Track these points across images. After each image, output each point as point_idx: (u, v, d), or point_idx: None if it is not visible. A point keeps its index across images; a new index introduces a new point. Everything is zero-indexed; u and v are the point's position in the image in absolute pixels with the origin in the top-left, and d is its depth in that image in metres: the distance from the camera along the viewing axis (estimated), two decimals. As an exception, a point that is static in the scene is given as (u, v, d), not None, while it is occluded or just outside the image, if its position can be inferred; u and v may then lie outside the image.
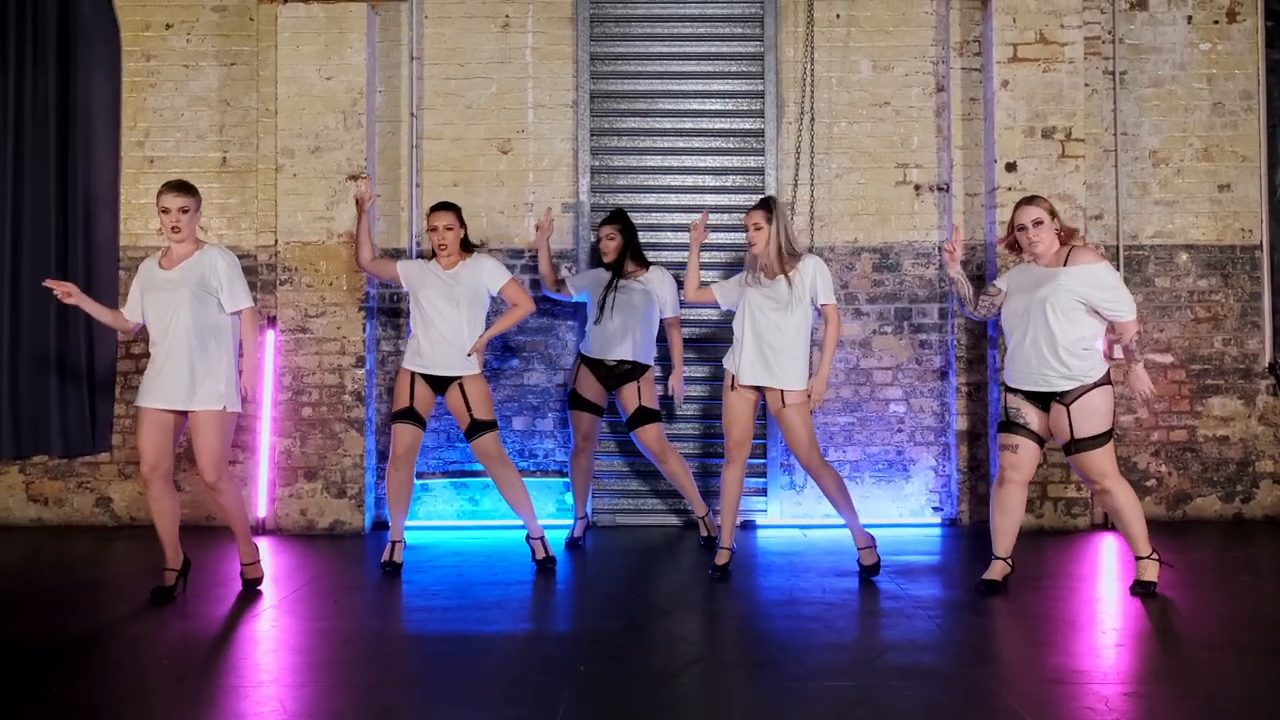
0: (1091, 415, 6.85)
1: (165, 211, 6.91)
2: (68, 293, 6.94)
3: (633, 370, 8.58)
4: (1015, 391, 7.04)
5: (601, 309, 8.59)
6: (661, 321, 8.73)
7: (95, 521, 9.55)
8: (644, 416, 8.58)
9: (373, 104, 9.45)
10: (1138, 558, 7.02)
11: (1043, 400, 6.97)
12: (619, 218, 8.81)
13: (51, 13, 9.43)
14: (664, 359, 9.01)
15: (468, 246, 7.89)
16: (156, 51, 9.69)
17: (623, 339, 8.55)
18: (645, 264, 8.77)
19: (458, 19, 9.71)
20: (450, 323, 7.72)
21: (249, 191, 9.60)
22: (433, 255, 7.89)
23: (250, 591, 7.14)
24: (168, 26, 9.69)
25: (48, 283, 7.01)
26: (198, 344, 6.87)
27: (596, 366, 8.65)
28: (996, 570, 7.08)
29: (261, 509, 9.23)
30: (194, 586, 7.27)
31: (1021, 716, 4.75)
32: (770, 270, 7.45)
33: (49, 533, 9.33)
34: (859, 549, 7.53)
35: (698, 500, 8.80)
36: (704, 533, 8.79)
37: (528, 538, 8.01)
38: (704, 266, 9.26)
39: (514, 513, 7.99)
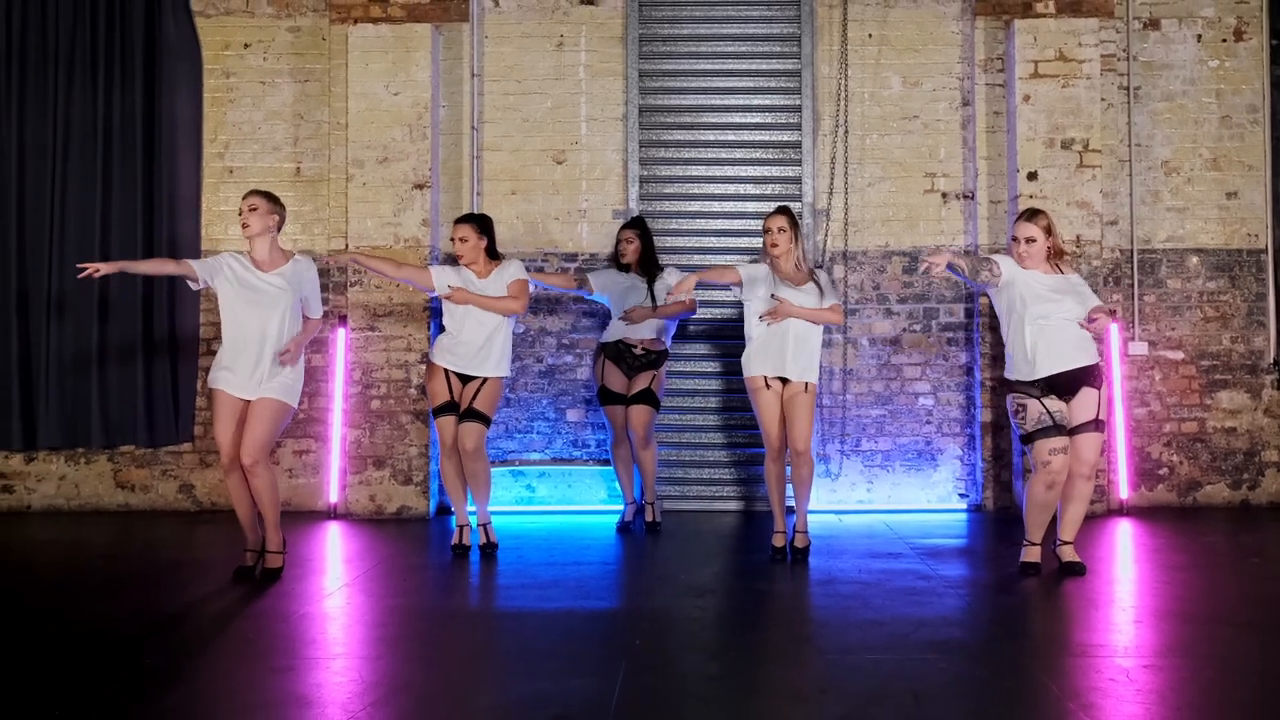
0: (1104, 402, 7.06)
1: (240, 211, 7.13)
2: (96, 270, 6.93)
3: (656, 360, 8.60)
4: (1047, 394, 6.97)
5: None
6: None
7: (179, 507, 9.62)
8: (646, 397, 8.56)
9: (437, 118, 9.49)
10: (1065, 542, 7.07)
11: (1070, 389, 6.97)
12: (639, 223, 8.87)
13: (138, 34, 9.52)
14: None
15: (494, 255, 7.85)
16: (235, 69, 9.76)
17: (650, 325, 8.55)
18: (660, 267, 8.76)
19: (516, 38, 9.74)
20: (484, 327, 7.68)
21: (321, 199, 9.65)
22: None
23: (268, 580, 6.96)
24: (246, 46, 9.75)
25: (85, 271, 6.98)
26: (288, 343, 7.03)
27: (619, 356, 8.61)
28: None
29: (333, 495, 9.29)
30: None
31: (1049, 687, 4.77)
32: (793, 276, 7.50)
33: (135, 517, 9.42)
34: (797, 531, 7.62)
35: (652, 489, 8.79)
36: (649, 517, 8.75)
37: (479, 523, 7.90)
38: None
39: (472, 497, 7.85)
